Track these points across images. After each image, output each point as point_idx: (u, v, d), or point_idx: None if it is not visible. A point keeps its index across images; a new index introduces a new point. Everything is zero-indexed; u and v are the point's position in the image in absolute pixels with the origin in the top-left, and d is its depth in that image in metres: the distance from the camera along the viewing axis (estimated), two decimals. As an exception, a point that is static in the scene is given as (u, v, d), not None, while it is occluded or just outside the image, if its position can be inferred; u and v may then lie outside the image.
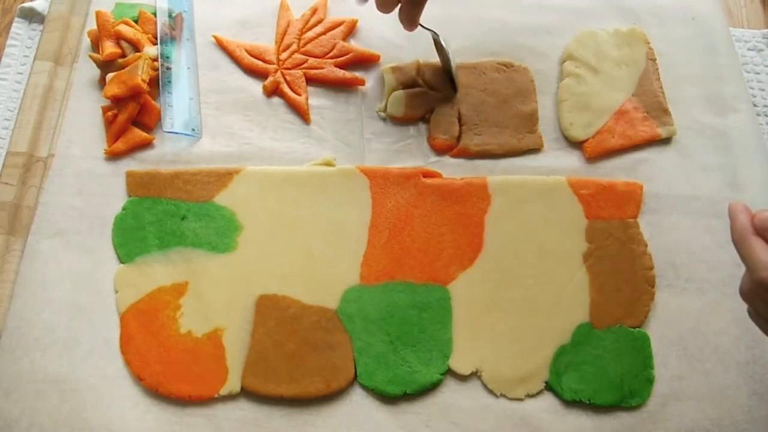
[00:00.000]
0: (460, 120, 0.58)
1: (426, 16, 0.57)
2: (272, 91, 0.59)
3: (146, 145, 0.56)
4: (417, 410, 0.49)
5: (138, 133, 0.56)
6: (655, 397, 0.49)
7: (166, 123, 0.56)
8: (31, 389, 0.48)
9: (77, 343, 0.49)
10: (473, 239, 0.53)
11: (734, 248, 0.40)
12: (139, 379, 0.48)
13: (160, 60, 0.57)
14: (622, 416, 0.49)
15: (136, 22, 0.60)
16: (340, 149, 0.57)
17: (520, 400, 0.49)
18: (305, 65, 0.60)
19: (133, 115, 0.56)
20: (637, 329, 0.51)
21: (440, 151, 0.57)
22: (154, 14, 0.60)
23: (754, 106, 0.62)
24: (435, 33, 0.57)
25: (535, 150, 0.58)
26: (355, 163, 0.56)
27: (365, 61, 0.61)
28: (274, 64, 0.60)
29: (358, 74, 0.60)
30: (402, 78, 0.59)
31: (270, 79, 0.59)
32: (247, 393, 0.49)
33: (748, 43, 0.66)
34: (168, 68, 0.58)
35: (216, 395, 0.48)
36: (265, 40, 0.61)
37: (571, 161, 0.58)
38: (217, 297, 0.51)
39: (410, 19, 0.53)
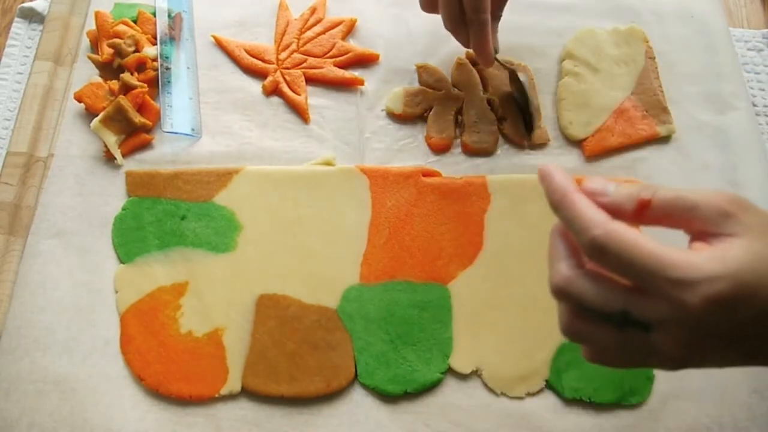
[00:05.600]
0: (460, 118, 0.58)
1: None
2: (272, 91, 0.59)
3: (146, 145, 0.56)
4: (417, 409, 0.49)
5: (137, 133, 0.56)
6: (655, 395, 0.49)
7: (166, 123, 0.56)
8: (31, 389, 0.48)
9: (77, 344, 0.49)
10: (473, 238, 0.53)
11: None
12: (139, 379, 0.48)
13: (159, 60, 0.57)
14: (623, 414, 0.49)
15: (135, 22, 0.60)
16: (340, 149, 0.57)
17: (521, 398, 0.49)
18: (304, 65, 0.60)
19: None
20: (637, 327, 0.51)
21: (436, 150, 0.57)
22: (154, 14, 0.60)
23: (754, 105, 0.62)
24: (513, 68, 0.56)
25: (535, 147, 0.58)
26: (354, 162, 0.56)
27: (364, 61, 0.61)
28: (273, 63, 0.60)
29: (357, 74, 0.60)
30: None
31: (269, 78, 0.59)
32: (247, 393, 0.49)
33: (748, 43, 0.66)
34: (167, 68, 0.58)
35: (216, 395, 0.48)
36: (265, 40, 0.61)
37: (570, 160, 0.58)
38: (217, 297, 0.51)
39: (481, 47, 0.51)
